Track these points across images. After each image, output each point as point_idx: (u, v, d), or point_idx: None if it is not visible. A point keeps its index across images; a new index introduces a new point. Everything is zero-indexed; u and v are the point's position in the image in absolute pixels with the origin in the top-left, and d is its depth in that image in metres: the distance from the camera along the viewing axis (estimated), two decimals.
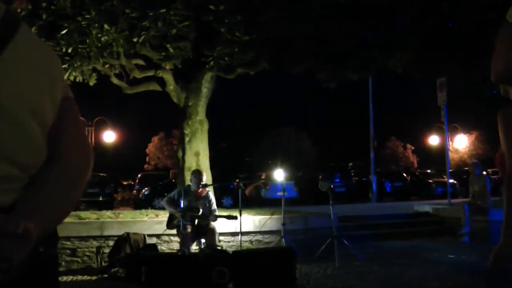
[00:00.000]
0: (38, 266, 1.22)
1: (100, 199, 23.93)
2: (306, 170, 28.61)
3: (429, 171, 32.62)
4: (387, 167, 36.41)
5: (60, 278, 7.55)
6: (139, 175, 28.89)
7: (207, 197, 8.14)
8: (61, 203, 1.26)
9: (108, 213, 10.54)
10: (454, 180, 24.14)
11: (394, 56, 10.90)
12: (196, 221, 7.82)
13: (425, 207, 13.85)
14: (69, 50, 9.01)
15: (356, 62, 10.99)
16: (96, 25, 8.60)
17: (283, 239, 9.09)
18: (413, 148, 44.77)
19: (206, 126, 12.17)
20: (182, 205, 7.92)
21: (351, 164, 31.70)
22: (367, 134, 25.40)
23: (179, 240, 8.07)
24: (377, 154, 26.85)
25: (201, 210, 7.84)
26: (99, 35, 8.63)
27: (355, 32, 10.20)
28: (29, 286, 1.21)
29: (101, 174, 27.63)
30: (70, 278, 7.63)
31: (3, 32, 1.16)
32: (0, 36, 1.15)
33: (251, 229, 9.72)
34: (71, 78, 9.81)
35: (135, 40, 9.33)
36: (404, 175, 29.60)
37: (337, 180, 26.14)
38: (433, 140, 38.30)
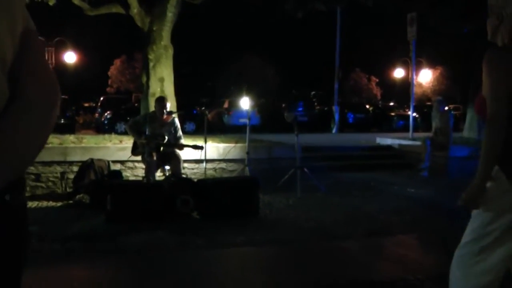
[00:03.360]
0: (4, 216, 1.16)
1: (62, 121, 23.42)
2: (269, 97, 28.57)
3: (391, 104, 33.10)
4: (350, 98, 36.69)
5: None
6: (101, 98, 28.29)
7: (172, 123, 8.05)
8: (27, 145, 1.17)
9: (71, 137, 10.38)
10: (416, 114, 24.59)
11: None
12: (162, 148, 7.81)
13: (387, 140, 14.02)
14: None
15: None
16: None
17: (247, 168, 9.20)
18: (377, 80, 44.96)
19: (171, 51, 11.93)
20: (147, 132, 7.87)
21: (313, 93, 31.79)
22: (333, 65, 25.37)
23: (143, 167, 8.07)
24: (341, 85, 26.95)
25: (166, 137, 7.82)
26: None
27: None
28: None
29: (62, 96, 26.95)
30: (35, 203, 7.55)
31: None
32: None
33: (215, 157, 9.79)
34: None
35: None
36: (367, 107, 29.97)
37: (300, 109, 26.28)
38: (398, 73, 38.43)
